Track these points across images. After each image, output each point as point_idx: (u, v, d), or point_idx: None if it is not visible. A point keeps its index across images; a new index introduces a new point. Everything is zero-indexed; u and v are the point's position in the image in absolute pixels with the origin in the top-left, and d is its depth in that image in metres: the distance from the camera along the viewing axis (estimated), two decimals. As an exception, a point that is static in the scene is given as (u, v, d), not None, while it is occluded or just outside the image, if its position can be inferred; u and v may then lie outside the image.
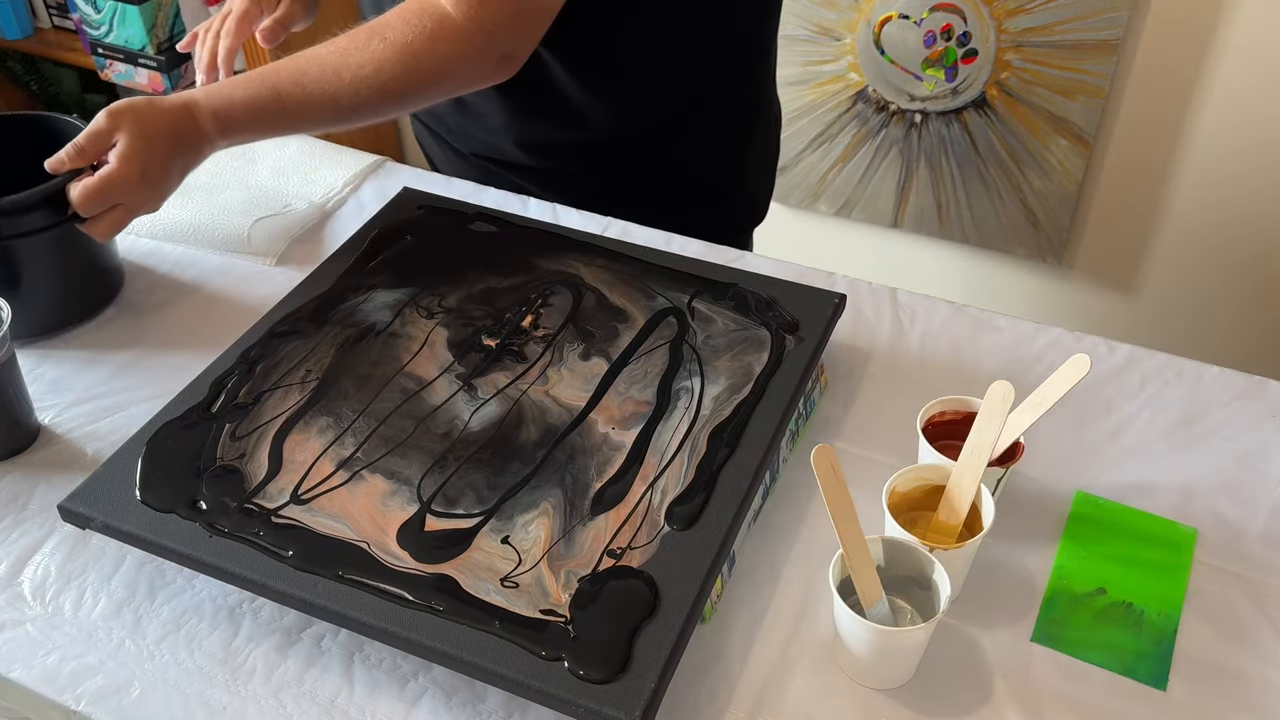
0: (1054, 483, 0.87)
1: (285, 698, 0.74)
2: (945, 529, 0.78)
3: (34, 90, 2.52)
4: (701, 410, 0.85)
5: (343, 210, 1.17)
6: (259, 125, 0.96)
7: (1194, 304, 1.88)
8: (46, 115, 1.05)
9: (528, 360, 0.90)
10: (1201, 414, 0.93)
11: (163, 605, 0.79)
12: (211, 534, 0.76)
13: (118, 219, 0.94)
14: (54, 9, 2.30)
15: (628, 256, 1.00)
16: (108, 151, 0.92)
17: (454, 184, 1.19)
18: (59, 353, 1.00)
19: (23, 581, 0.81)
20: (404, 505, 0.78)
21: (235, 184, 1.19)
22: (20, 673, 0.75)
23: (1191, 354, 0.99)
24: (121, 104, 0.93)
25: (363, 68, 0.95)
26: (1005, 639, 0.77)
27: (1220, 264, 1.83)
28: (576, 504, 0.78)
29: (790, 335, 0.91)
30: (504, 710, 0.73)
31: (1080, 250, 1.90)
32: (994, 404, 0.77)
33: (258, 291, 1.06)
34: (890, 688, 0.74)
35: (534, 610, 0.71)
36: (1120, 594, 0.79)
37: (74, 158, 0.92)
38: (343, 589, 0.72)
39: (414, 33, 0.94)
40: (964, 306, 1.03)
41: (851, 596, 0.72)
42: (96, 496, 0.79)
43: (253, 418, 0.85)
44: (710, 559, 0.74)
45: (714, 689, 0.74)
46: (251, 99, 0.95)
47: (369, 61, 0.95)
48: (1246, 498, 0.86)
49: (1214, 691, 0.74)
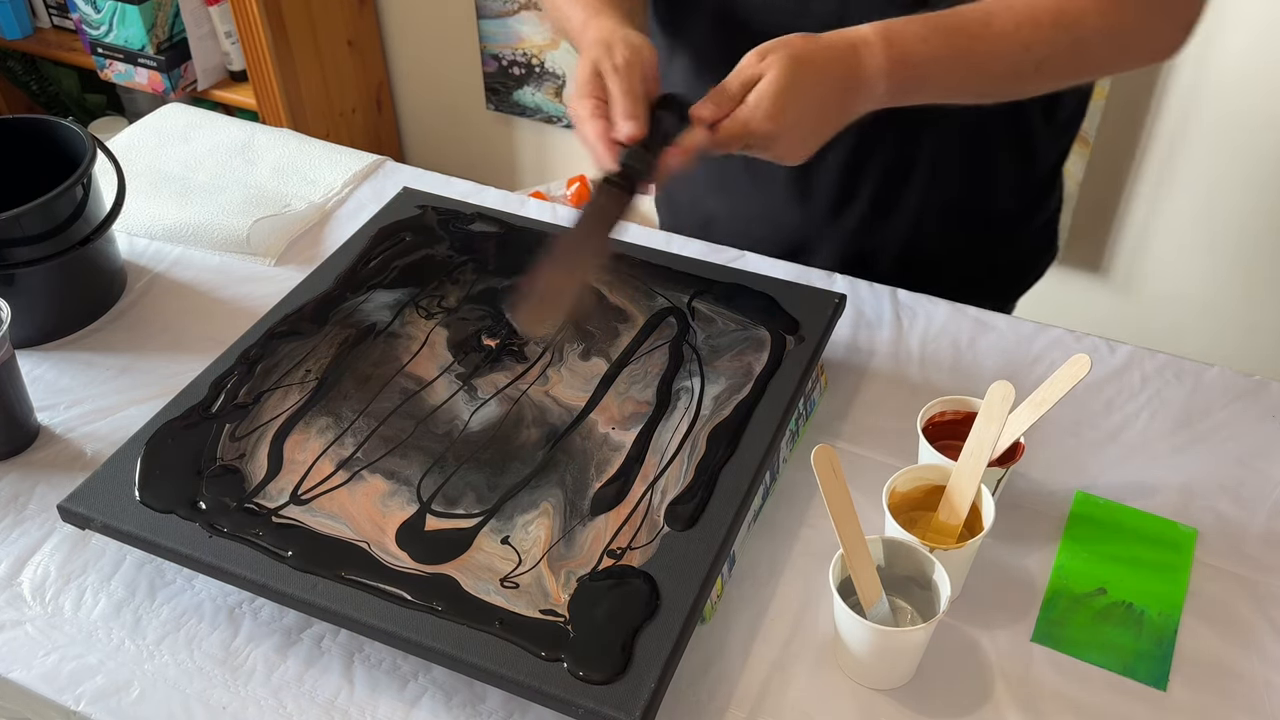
0: (1054, 483, 0.87)
1: (285, 698, 0.74)
2: (945, 529, 0.78)
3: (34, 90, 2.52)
4: (701, 410, 0.85)
5: (342, 210, 1.17)
6: (935, 75, 0.84)
7: (1194, 304, 1.88)
8: (46, 119, 1.05)
9: (528, 360, 0.90)
10: (1201, 414, 0.93)
11: (163, 605, 0.79)
12: (211, 534, 0.76)
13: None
14: (54, 9, 2.30)
15: (627, 257, 1.00)
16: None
17: (454, 184, 1.19)
18: (59, 353, 1.00)
19: (22, 582, 0.81)
20: (404, 505, 0.78)
21: (235, 184, 1.19)
22: (20, 673, 0.75)
23: (1191, 354, 0.99)
24: (775, 41, 0.81)
25: (1064, 14, 0.84)
26: (1005, 639, 0.77)
27: (1220, 264, 1.83)
28: (576, 504, 0.78)
29: (790, 335, 0.91)
30: (504, 710, 0.73)
31: (1080, 250, 1.90)
32: (994, 404, 0.77)
33: (258, 291, 1.06)
34: (890, 688, 0.74)
35: (534, 610, 0.71)
36: (1120, 594, 0.79)
37: (718, 104, 0.80)
38: (343, 589, 0.72)
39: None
40: (964, 306, 1.03)
41: (851, 596, 0.72)
42: (96, 497, 0.79)
43: (253, 418, 0.84)
44: (710, 559, 0.74)
45: (714, 689, 0.74)
46: (930, 35, 0.82)
47: (1070, 8, 0.84)
48: (1246, 498, 0.86)
49: (1214, 691, 0.74)
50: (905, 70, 0.83)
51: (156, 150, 1.25)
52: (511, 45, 2.21)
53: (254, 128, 1.29)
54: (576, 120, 0.83)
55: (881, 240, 1.09)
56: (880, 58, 0.82)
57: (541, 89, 2.24)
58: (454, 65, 2.32)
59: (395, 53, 2.40)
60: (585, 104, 0.82)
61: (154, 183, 1.19)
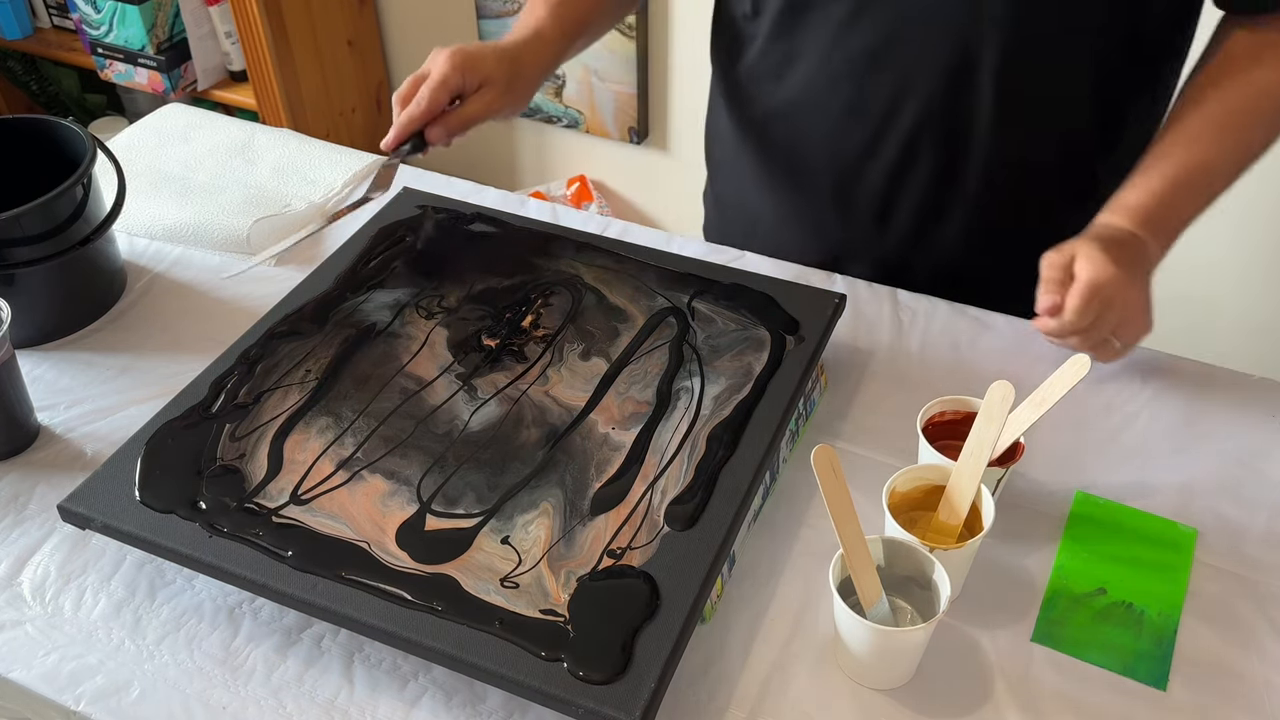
0: (1054, 483, 0.87)
1: (285, 698, 0.74)
2: (945, 529, 0.78)
3: (34, 90, 2.52)
4: (701, 410, 0.85)
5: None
6: (1186, 221, 0.93)
7: (1195, 304, 1.88)
8: (46, 119, 1.05)
9: (528, 360, 0.90)
10: (1201, 414, 0.93)
11: (163, 605, 0.79)
12: (211, 534, 0.76)
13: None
14: (54, 9, 2.30)
15: (628, 257, 1.00)
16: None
17: (454, 184, 1.19)
18: (59, 353, 1.00)
19: (23, 581, 0.81)
20: (404, 505, 0.78)
21: (235, 184, 1.19)
22: (20, 673, 0.75)
23: (1192, 354, 0.99)
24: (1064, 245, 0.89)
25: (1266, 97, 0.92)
26: (1005, 639, 0.77)
27: (1220, 264, 1.83)
28: (576, 504, 0.78)
29: (790, 335, 0.91)
30: (504, 710, 0.73)
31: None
32: (994, 404, 0.77)
33: (258, 291, 1.06)
34: (890, 688, 0.74)
35: (534, 610, 0.71)
36: (1120, 594, 0.79)
37: (1054, 286, 0.87)
38: (343, 589, 0.72)
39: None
40: (964, 306, 1.03)
41: (851, 596, 0.72)
42: (96, 497, 0.79)
43: (253, 418, 0.84)
44: (710, 559, 0.74)
45: (714, 689, 0.74)
46: (1174, 195, 0.91)
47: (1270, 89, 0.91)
48: (1246, 498, 0.86)
49: (1214, 691, 0.74)
50: (1168, 240, 0.92)
51: (156, 150, 1.25)
52: (511, 45, 2.21)
53: (254, 128, 1.29)
54: (396, 96, 1.01)
55: (924, 253, 1.09)
56: (1152, 244, 0.90)
57: (541, 89, 2.24)
58: (454, 65, 2.32)
59: (395, 53, 2.40)
60: (404, 94, 0.99)
61: (154, 183, 1.19)
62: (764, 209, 1.15)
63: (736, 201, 1.20)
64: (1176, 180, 0.91)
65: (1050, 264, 0.88)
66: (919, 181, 1.03)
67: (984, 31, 0.92)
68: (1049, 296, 0.87)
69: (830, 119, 1.03)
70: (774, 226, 1.15)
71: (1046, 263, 0.88)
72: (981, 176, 1.02)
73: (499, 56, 1.00)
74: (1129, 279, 0.87)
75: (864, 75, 0.98)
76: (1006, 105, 0.96)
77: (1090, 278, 0.85)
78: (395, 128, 0.99)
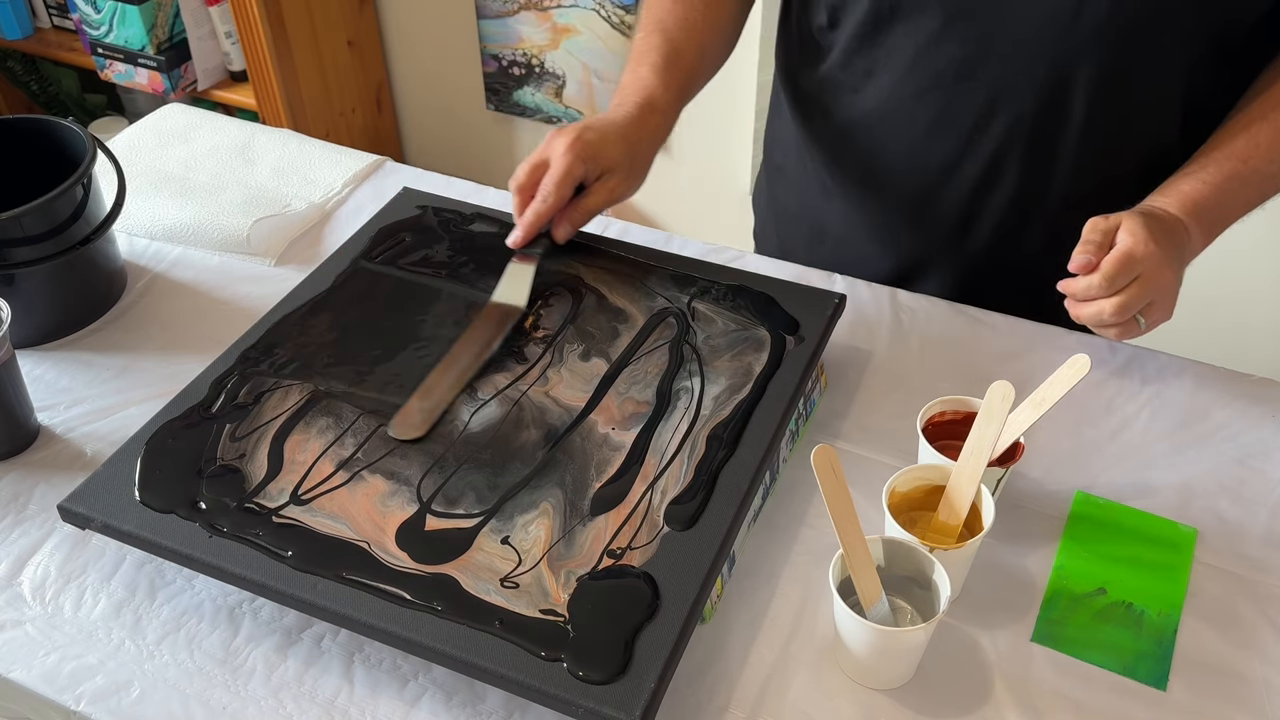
0: (1054, 483, 0.87)
1: (285, 698, 0.74)
2: (945, 529, 0.78)
3: (34, 90, 2.52)
4: (701, 410, 0.85)
5: (342, 210, 1.17)
6: (1232, 214, 0.93)
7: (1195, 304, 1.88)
8: (46, 119, 1.05)
9: (528, 361, 0.90)
10: (1202, 414, 0.93)
11: (163, 605, 0.79)
12: (211, 534, 0.76)
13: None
14: (54, 9, 2.30)
15: (627, 257, 1.00)
16: None
17: (454, 184, 1.19)
18: (59, 353, 1.00)
19: (23, 581, 0.81)
20: (404, 505, 0.78)
21: (235, 184, 1.19)
22: (20, 673, 0.75)
23: (1191, 354, 0.99)
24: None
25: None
26: (1005, 639, 0.77)
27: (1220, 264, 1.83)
28: (576, 504, 0.78)
29: (790, 335, 0.91)
30: (504, 710, 0.73)
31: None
32: (994, 404, 0.77)
33: (258, 291, 1.06)
34: (890, 688, 0.74)
35: (534, 610, 0.71)
36: (1120, 594, 0.79)
37: (1092, 248, 0.86)
38: (343, 589, 0.72)
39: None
40: (964, 306, 1.03)
41: (851, 596, 0.72)
42: (96, 497, 0.79)
43: (253, 418, 0.84)
44: (710, 559, 0.74)
45: (714, 689, 0.74)
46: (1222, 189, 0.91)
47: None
48: (1246, 498, 0.86)
49: (1214, 691, 0.74)
50: (1212, 235, 0.93)
51: (156, 150, 1.25)
52: (511, 45, 2.21)
53: (254, 128, 1.29)
54: (514, 185, 0.97)
55: (1000, 266, 1.07)
56: (1196, 235, 0.90)
57: (542, 89, 2.24)
58: (454, 65, 2.32)
59: (395, 53, 2.40)
60: (522, 184, 0.96)
61: (154, 183, 1.19)
62: (833, 219, 1.13)
63: (799, 211, 1.17)
64: (1233, 175, 0.90)
65: (1093, 226, 0.86)
66: (1002, 196, 1.01)
67: (1082, 45, 0.90)
68: (1084, 255, 0.85)
69: (914, 132, 1.01)
70: (843, 237, 1.13)
71: (1090, 225, 0.87)
72: (1066, 189, 1.00)
73: (619, 140, 0.96)
74: (1166, 260, 0.86)
75: (952, 89, 0.96)
76: (1098, 119, 0.95)
77: (1129, 248, 0.84)
78: (522, 226, 0.96)
